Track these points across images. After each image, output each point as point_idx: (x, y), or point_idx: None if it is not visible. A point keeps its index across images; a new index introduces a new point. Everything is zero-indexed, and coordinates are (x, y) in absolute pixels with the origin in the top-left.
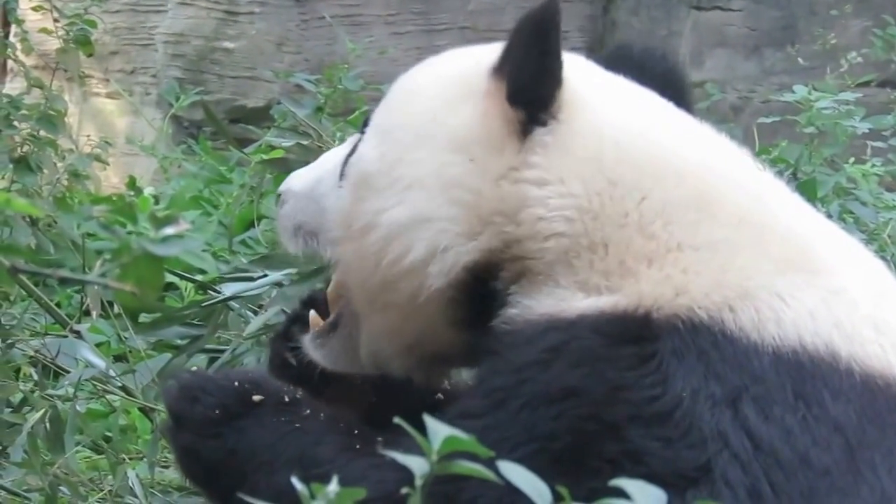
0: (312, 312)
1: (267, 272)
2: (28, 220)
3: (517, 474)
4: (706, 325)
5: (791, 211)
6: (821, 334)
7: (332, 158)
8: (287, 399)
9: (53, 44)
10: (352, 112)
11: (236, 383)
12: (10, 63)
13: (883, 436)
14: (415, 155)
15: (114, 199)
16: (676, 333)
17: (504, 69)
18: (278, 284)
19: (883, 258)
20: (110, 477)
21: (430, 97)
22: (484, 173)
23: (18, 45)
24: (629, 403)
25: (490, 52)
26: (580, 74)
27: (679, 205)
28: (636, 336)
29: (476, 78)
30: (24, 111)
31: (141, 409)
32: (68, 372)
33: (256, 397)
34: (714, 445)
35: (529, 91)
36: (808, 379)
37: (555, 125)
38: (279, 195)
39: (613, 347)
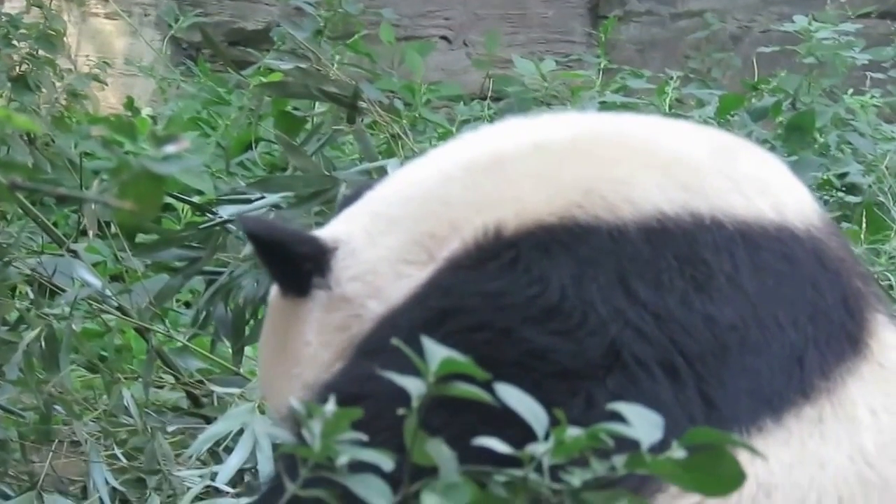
0: None
1: (264, 194)
2: (26, 138)
3: (513, 397)
4: (559, 224)
5: (609, 123)
6: (675, 200)
7: None
8: None
9: None
10: (351, 36)
11: None
12: None
13: (779, 286)
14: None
15: (112, 119)
16: (531, 236)
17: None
18: (276, 207)
19: (881, 189)
20: (105, 396)
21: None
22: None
23: None
24: (512, 307)
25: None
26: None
27: (474, 177)
28: (493, 252)
29: (278, 310)
30: (22, 30)
31: (136, 330)
32: (64, 291)
33: None
34: (614, 326)
35: (293, 276)
36: (681, 241)
37: (340, 254)
38: None
39: (476, 269)
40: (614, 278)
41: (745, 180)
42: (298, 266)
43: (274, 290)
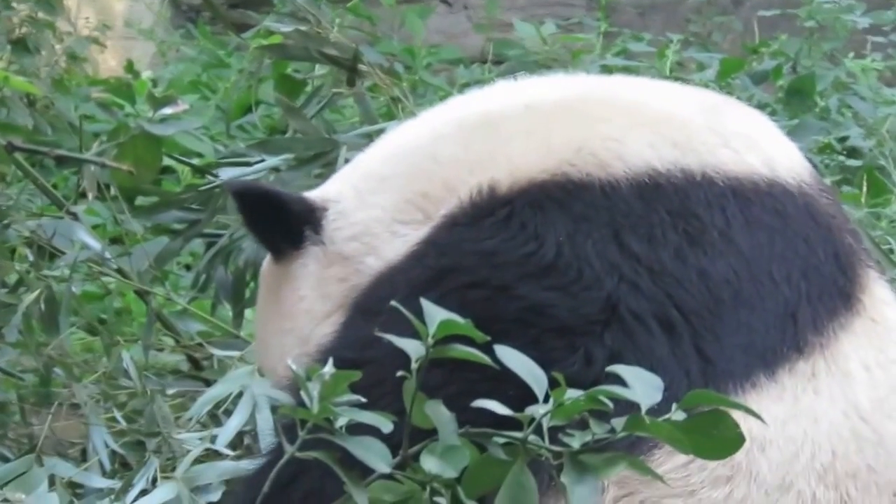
0: None
1: (264, 157)
2: (25, 101)
3: (511, 358)
4: (551, 181)
5: (598, 83)
6: (665, 157)
7: None
8: None
9: None
10: None
11: None
12: None
13: (771, 241)
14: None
15: (112, 81)
16: (525, 194)
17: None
18: (275, 169)
19: (881, 153)
20: (104, 359)
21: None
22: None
23: None
24: (509, 265)
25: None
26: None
27: (466, 135)
28: (487, 210)
29: (270, 275)
30: None
31: (136, 292)
32: (64, 253)
33: None
34: (610, 280)
35: (284, 234)
36: (673, 197)
37: (331, 212)
38: None
39: (471, 227)
40: (608, 233)
41: (735, 136)
42: (290, 223)
43: (266, 260)
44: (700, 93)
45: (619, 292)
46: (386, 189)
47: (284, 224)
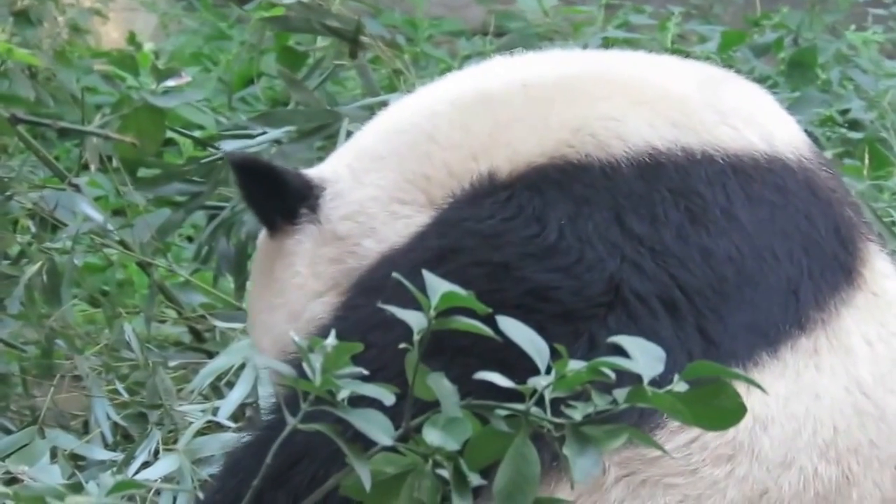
0: None
1: (266, 129)
2: (27, 72)
3: (515, 330)
4: (550, 164)
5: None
6: (665, 135)
7: None
8: None
9: None
10: None
11: None
12: None
13: (772, 217)
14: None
15: (114, 53)
16: (524, 178)
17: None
18: (277, 142)
19: (883, 126)
20: (107, 331)
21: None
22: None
23: None
24: (511, 245)
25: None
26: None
27: (463, 115)
28: (488, 191)
29: (265, 251)
30: None
31: (138, 264)
32: (66, 225)
33: None
34: (612, 261)
35: (281, 208)
36: (674, 175)
37: (328, 192)
38: None
39: (472, 207)
40: (610, 214)
41: (733, 113)
42: (287, 199)
43: (262, 235)
44: (698, 67)
45: (621, 273)
46: (382, 168)
47: (282, 199)
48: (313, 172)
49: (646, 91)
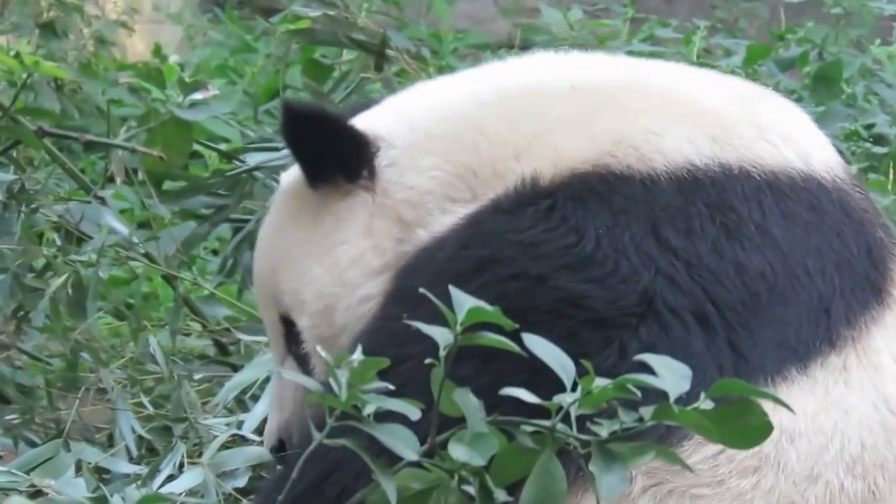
0: None
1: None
2: (53, 85)
3: (540, 346)
4: (593, 173)
5: (639, 70)
6: (704, 151)
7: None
8: None
9: None
10: None
11: None
12: None
13: (806, 235)
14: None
15: (140, 66)
16: (567, 186)
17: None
18: None
19: None
20: (132, 344)
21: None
22: (365, 239)
23: None
24: (548, 257)
25: (291, 176)
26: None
27: (511, 110)
28: (530, 199)
29: (301, 199)
30: None
31: (164, 277)
32: (91, 238)
33: None
34: (647, 273)
35: (335, 165)
36: (711, 190)
37: (382, 156)
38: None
39: (513, 215)
40: (646, 227)
41: (771, 130)
42: (346, 155)
43: (288, 181)
44: (738, 83)
45: (655, 286)
46: (435, 152)
47: (339, 154)
48: (366, 125)
49: (687, 105)
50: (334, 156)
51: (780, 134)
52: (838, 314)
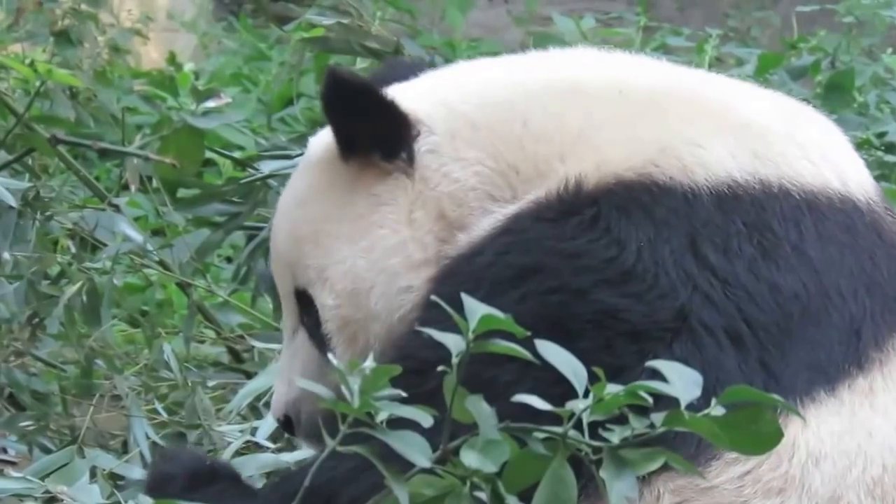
0: None
1: (305, 150)
2: (68, 93)
3: (553, 353)
4: (637, 181)
5: (683, 78)
6: (745, 167)
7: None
8: None
9: None
10: None
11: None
12: None
13: (841, 257)
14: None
15: (154, 74)
16: (612, 194)
17: (346, 149)
18: None
19: None
20: (146, 351)
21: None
22: (404, 226)
23: None
24: (589, 269)
25: (321, 144)
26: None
27: (557, 104)
28: (574, 207)
29: (332, 171)
30: None
31: (178, 284)
32: (106, 245)
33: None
34: (684, 290)
35: (374, 142)
36: (751, 209)
37: (422, 141)
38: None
39: (557, 224)
40: (686, 242)
41: (812, 147)
42: (387, 133)
43: (317, 148)
44: (780, 98)
45: (691, 303)
46: (478, 143)
47: (379, 131)
48: (406, 103)
49: (730, 117)
50: (374, 132)
51: (819, 153)
52: (868, 337)
